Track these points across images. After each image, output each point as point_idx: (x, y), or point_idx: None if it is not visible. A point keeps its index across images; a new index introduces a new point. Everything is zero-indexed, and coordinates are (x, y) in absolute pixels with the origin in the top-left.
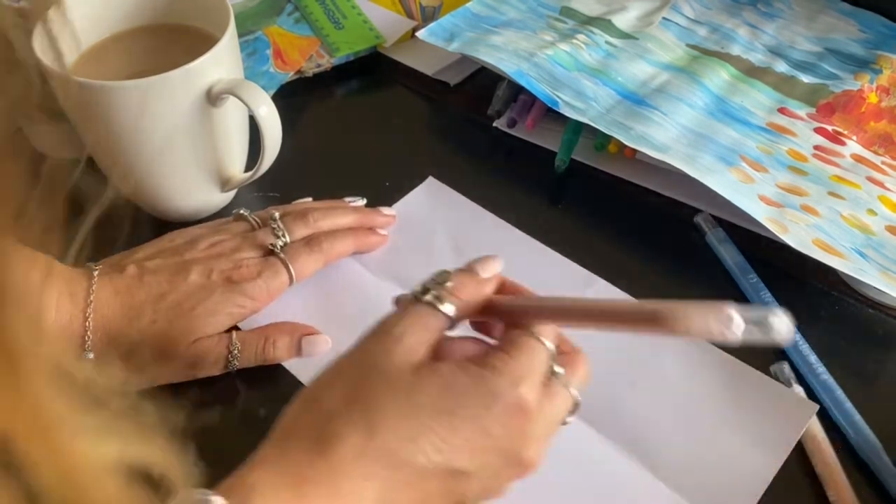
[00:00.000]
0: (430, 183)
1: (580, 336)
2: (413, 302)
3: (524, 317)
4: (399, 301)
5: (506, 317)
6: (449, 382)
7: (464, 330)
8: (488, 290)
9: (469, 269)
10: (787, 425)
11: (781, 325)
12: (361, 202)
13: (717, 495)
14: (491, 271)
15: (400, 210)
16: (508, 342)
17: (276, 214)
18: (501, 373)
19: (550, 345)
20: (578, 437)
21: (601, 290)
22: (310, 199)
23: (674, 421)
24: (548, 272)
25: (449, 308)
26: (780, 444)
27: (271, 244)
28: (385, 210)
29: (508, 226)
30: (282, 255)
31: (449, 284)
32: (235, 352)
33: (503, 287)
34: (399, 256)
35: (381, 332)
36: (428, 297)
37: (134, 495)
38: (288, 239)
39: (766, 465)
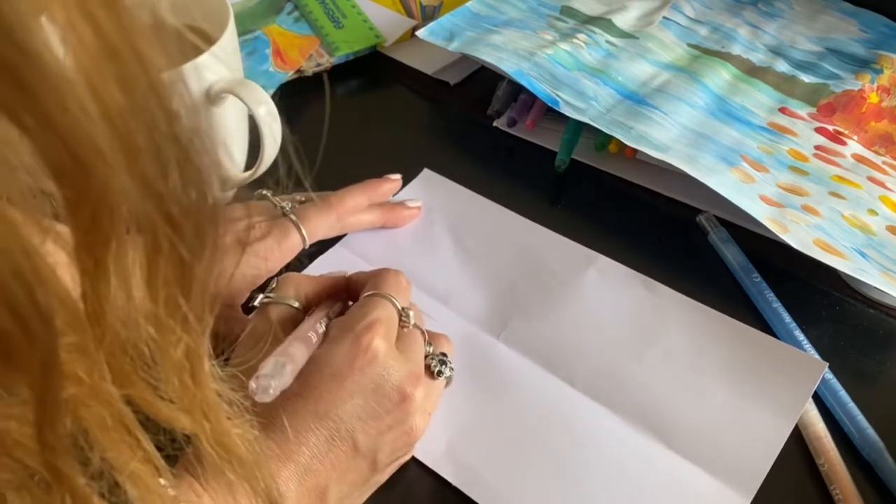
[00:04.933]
0: (426, 175)
1: (588, 316)
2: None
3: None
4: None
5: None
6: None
7: None
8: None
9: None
10: (798, 385)
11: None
12: (396, 176)
13: (731, 461)
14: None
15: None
16: (358, 303)
17: (300, 197)
18: (342, 321)
19: (397, 300)
20: (590, 414)
21: (603, 267)
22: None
23: (683, 391)
24: (549, 252)
25: (295, 302)
26: (791, 405)
27: (281, 207)
28: (410, 203)
29: (505, 210)
30: (292, 217)
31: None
32: None
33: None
34: (400, 250)
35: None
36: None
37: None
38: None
39: (779, 428)
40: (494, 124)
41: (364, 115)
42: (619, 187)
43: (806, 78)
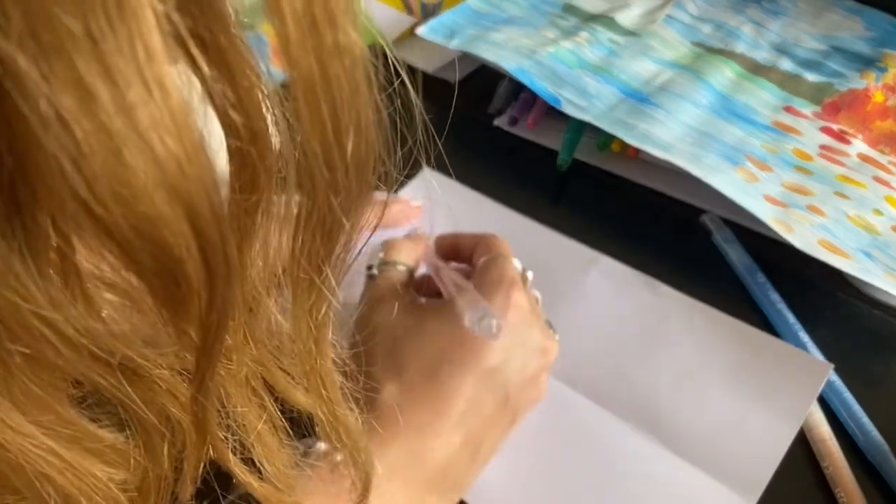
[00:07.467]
0: (426, 174)
1: (590, 318)
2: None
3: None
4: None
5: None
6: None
7: None
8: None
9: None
10: (802, 388)
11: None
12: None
13: (735, 465)
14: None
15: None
16: (489, 261)
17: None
18: (484, 278)
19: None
20: (591, 417)
21: (606, 267)
22: None
23: (687, 393)
24: (550, 252)
25: (409, 263)
26: (796, 408)
27: None
28: (409, 202)
29: (506, 209)
30: None
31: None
32: None
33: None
34: None
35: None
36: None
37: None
38: None
39: (784, 431)
40: (495, 123)
41: None
42: (621, 187)
43: (810, 76)
